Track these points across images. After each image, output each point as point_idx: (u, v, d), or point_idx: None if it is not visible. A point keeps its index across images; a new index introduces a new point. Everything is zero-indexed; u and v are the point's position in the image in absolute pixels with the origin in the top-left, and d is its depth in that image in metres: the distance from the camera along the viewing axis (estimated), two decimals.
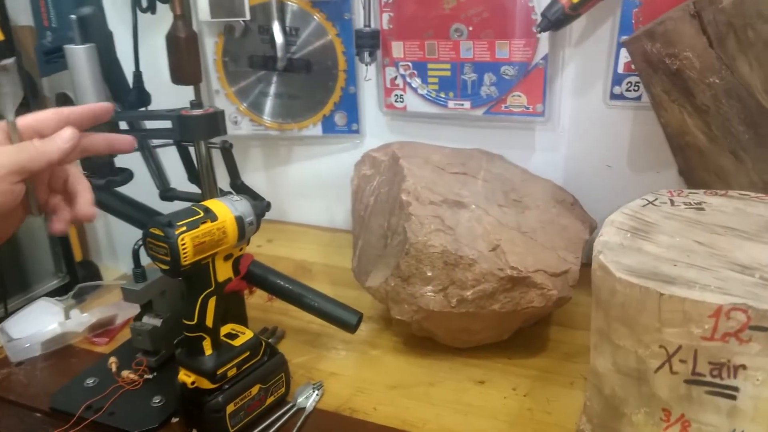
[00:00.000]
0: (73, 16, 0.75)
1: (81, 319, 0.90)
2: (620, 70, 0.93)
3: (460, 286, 0.77)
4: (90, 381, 0.80)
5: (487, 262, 0.77)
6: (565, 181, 1.05)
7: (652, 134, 0.93)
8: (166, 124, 0.77)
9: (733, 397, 0.44)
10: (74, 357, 0.88)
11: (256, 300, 1.00)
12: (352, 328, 0.83)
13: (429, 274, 0.78)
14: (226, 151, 0.80)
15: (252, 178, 1.31)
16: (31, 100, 1.29)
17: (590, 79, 0.98)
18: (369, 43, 1.04)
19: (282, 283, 0.85)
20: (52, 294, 1.31)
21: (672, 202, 0.63)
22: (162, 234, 0.60)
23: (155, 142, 0.87)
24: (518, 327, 0.83)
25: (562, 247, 0.85)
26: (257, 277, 0.85)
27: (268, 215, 1.29)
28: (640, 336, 0.47)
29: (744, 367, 0.44)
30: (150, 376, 0.81)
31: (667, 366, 0.46)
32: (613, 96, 0.95)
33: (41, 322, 0.89)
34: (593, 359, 0.53)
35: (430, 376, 0.81)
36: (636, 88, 0.93)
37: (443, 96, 1.07)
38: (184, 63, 1.17)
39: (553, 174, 1.05)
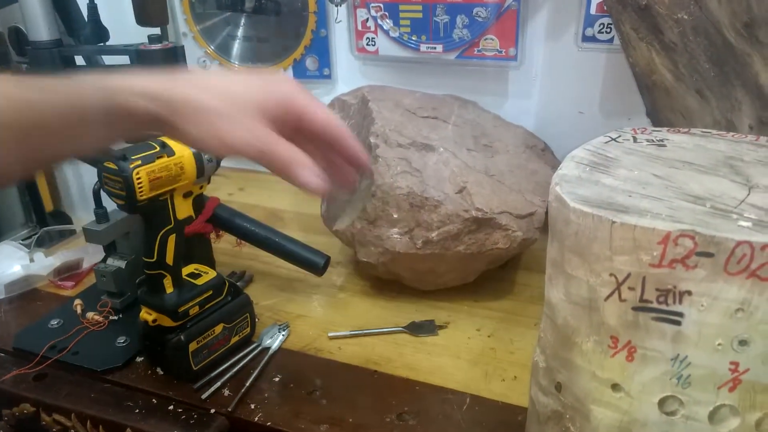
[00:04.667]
0: None
1: (45, 263, 0.89)
2: (593, 11, 0.92)
3: (426, 227, 0.77)
4: (54, 322, 0.80)
5: (453, 204, 0.77)
6: (537, 127, 1.04)
7: (623, 78, 0.91)
8: (125, 60, 0.74)
9: (678, 323, 0.45)
10: (39, 300, 0.87)
11: (225, 245, 0.99)
12: (319, 269, 0.83)
13: (395, 216, 0.78)
14: None
15: None
16: None
17: (563, 22, 0.96)
18: None
19: (249, 225, 0.85)
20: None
21: (635, 139, 0.63)
22: (116, 168, 0.59)
23: None
24: (484, 269, 0.84)
25: (530, 190, 0.84)
26: (223, 220, 0.84)
27: (239, 164, 1.28)
28: (591, 265, 0.47)
29: (689, 293, 0.44)
30: (115, 318, 0.81)
31: (617, 294, 0.46)
32: (585, 38, 0.94)
33: (4, 265, 0.88)
34: (547, 291, 0.53)
35: (396, 318, 0.81)
36: (609, 30, 0.92)
37: (415, 39, 1.05)
38: (149, 3, 1.13)
39: (525, 120, 1.04)
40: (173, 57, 0.75)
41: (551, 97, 1.04)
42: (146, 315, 0.67)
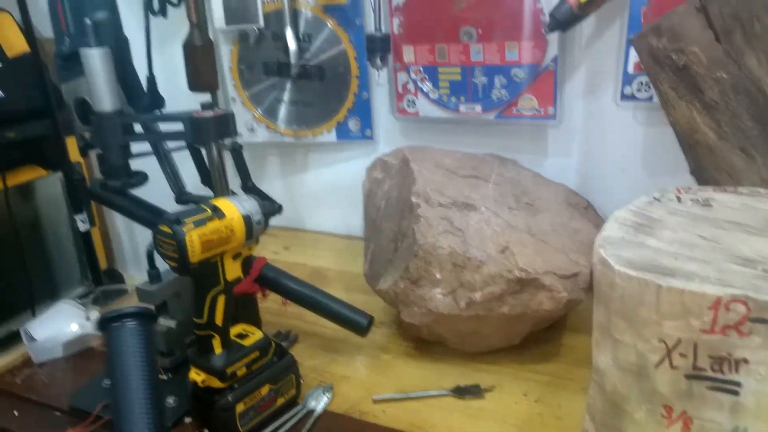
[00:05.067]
0: (88, 21, 0.78)
1: None
2: (630, 70, 0.92)
3: (469, 288, 0.77)
4: (108, 381, 0.82)
5: (496, 264, 0.77)
6: (579, 185, 1.04)
7: (665, 135, 0.91)
8: (179, 126, 0.79)
9: (736, 393, 0.43)
10: (94, 359, 0.90)
11: (271, 304, 1.01)
12: (363, 330, 0.83)
13: (438, 276, 0.78)
14: (237, 152, 0.81)
15: (269, 185, 1.33)
16: (56, 109, 1.33)
17: (601, 80, 0.98)
18: (380, 47, 1.05)
19: (294, 285, 0.86)
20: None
21: (679, 199, 0.62)
22: (170, 231, 0.61)
23: (170, 145, 0.89)
24: (529, 331, 0.83)
25: (574, 249, 0.84)
26: (270, 279, 0.86)
27: (284, 223, 1.32)
28: (639, 330, 0.47)
29: (746, 361, 0.43)
30: (164, 377, 0.82)
31: (667, 360, 0.45)
32: (624, 97, 0.95)
33: (63, 324, 0.92)
34: (595, 356, 0.52)
35: (441, 381, 0.80)
36: (647, 88, 0.92)
37: (454, 100, 1.08)
38: (201, 71, 1.20)
39: (566, 178, 1.04)
40: (224, 124, 0.79)
41: (592, 155, 1.04)
42: (195, 375, 0.69)
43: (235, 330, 0.74)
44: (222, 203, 0.67)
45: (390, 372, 0.83)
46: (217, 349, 0.69)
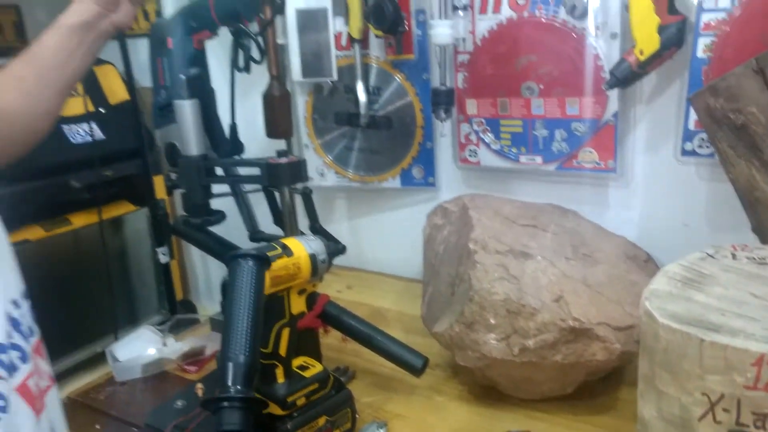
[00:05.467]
0: (182, 76, 0.88)
1: (175, 347, 1.00)
2: (691, 126, 0.93)
3: (523, 334, 0.79)
4: (179, 403, 0.88)
5: (550, 312, 0.78)
6: (639, 238, 1.04)
7: (728, 192, 0.91)
8: (256, 171, 0.86)
9: None
10: (168, 381, 0.97)
11: (332, 341, 1.05)
12: (417, 371, 0.86)
13: (492, 321, 0.81)
14: (307, 196, 0.88)
15: (336, 226, 1.39)
16: (148, 151, 1.46)
17: (662, 136, 0.99)
18: (445, 101, 1.11)
19: (354, 323, 0.91)
20: None
21: (734, 256, 0.63)
22: None
23: (246, 187, 0.97)
24: (583, 381, 0.83)
25: (630, 302, 0.84)
26: (332, 316, 0.91)
27: (348, 263, 1.38)
28: (682, 382, 0.48)
29: None
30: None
31: (711, 415, 0.46)
32: (685, 152, 0.95)
33: (143, 347, 1.00)
34: (640, 407, 0.53)
35: (492, 426, 0.82)
36: (708, 144, 0.92)
37: (515, 151, 1.11)
38: (278, 119, 1.29)
39: (627, 231, 1.04)
40: (297, 170, 0.86)
41: (653, 209, 1.04)
42: None
43: (297, 362, 0.79)
44: (291, 242, 0.73)
45: (443, 414, 0.86)
46: (280, 378, 0.74)
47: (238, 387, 0.53)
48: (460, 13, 1.09)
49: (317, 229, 0.89)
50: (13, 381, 0.54)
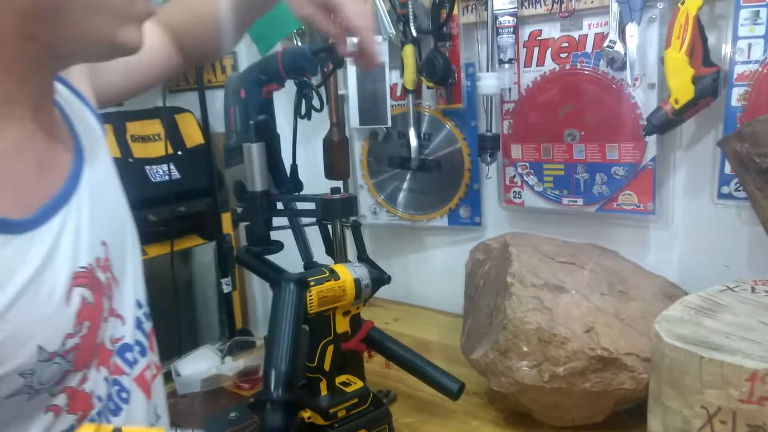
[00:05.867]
0: (251, 122, 0.99)
1: (232, 365, 1.09)
2: (727, 171, 0.96)
3: (553, 362, 0.83)
4: (233, 415, 0.96)
5: (580, 342, 0.82)
6: (680, 279, 1.06)
7: None
8: (312, 206, 0.96)
9: None
10: (224, 396, 1.06)
11: (376, 366, 1.11)
12: (454, 394, 0.91)
13: (525, 349, 0.85)
14: (356, 229, 0.96)
15: (386, 261, 1.47)
16: (218, 190, 1.60)
17: (700, 180, 1.02)
18: (490, 145, 1.18)
19: (396, 348, 0.97)
20: None
21: (753, 290, 0.66)
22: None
23: (303, 221, 1.06)
24: (613, 411, 0.85)
25: None
26: (375, 341, 0.98)
27: (396, 297, 1.44)
28: (684, 397, 0.52)
29: None
30: None
31: (709, 426, 0.50)
32: (722, 195, 0.98)
33: (203, 364, 1.09)
34: (649, 422, 0.57)
35: None
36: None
37: (558, 193, 1.17)
38: (336, 162, 1.41)
39: (667, 272, 1.07)
40: (348, 205, 0.95)
41: (693, 250, 1.06)
42: (303, 413, 0.81)
43: (340, 378, 0.85)
44: (338, 268, 0.81)
45: None
46: (323, 391, 0.80)
47: (279, 391, 0.59)
48: (506, 66, 1.17)
49: (364, 259, 0.97)
50: (133, 373, 0.62)
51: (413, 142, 1.30)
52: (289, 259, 1.09)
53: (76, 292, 0.52)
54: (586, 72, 1.09)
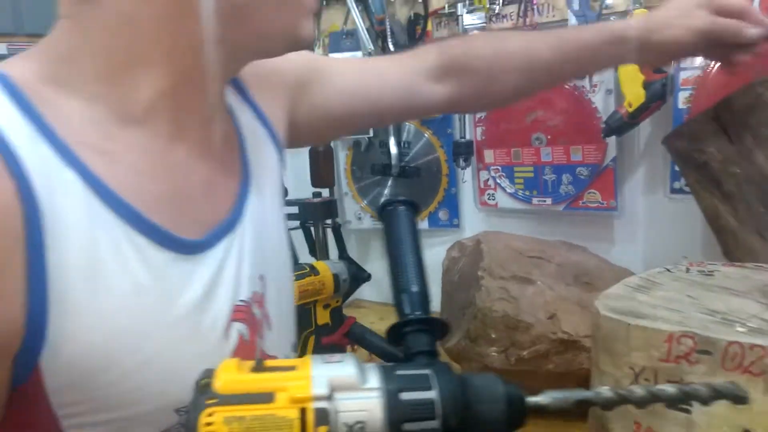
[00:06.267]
0: None
1: None
2: (677, 167, 1.04)
3: (519, 346, 0.90)
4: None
5: (543, 327, 0.89)
6: (644, 270, 1.13)
7: None
8: (295, 209, 1.03)
9: (688, 411, 0.54)
10: None
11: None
12: None
13: (493, 336, 0.92)
14: (336, 230, 1.04)
15: (372, 265, 1.53)
16: None
17: (655, 177, 1.10)
18: (464, 151, 1.26)
19: (376, 341, 1.04)
20: None
21: (687, 270, 0.74)
22: None
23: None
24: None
25: None
26: (357, 335, 1.05)
27: (381, 299, 1.50)
28: (615, 360, 0.59)
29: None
30: None
31: (636, 384, 0.57)
32: (673, 190, 1.06)
33: None
34: (591, 388, 0.64)
35: None
36: None
37: (528, 194, 1.24)
38: (322, 170, 1.48)
39: (632, 264, 1.13)
40: (327, 208, 1.03)
41: (655, 243, 1.14)
42: None
43: None
44: (318, 264, 0.89)
45: None
46: None
47: (417, 312, 0.50)
48: None
49: (344, 258, 1.04)
50: None
51: (393, 150, 1.37)
52: None
53: (235, 327, 0.48)
54: None
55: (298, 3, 0.48)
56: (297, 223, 1.09)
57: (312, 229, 1.07)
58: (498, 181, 1.28)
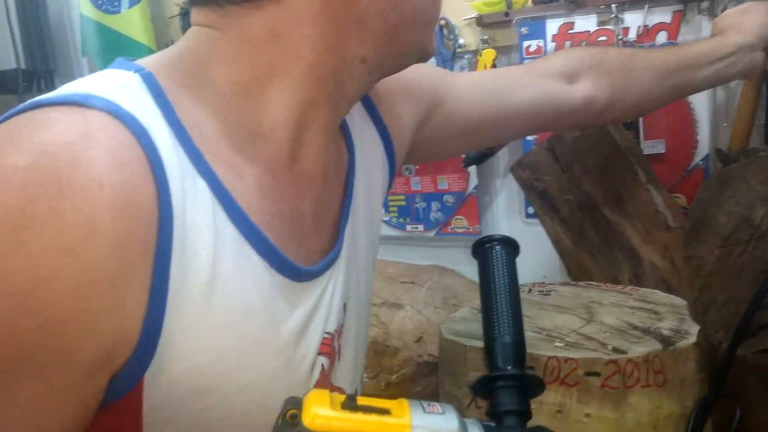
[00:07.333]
0: None
1: None
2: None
3: (388, 371, 0.93)
4: None
5: (410, 351, 0.93)
6: None
7: None
8: None
9: None
10: None
11: None
12: None
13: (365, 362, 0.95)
14: None
15: None
16: None
17: (514, 203, 1.19)
18: None
19: None
20: None
21: (529, 290, 0.80)
22: None
23: None
24: None
25: None
26: None
27: None
28: (456, 380, 0.63)
29: None
30: None
31: (474, 402, 0.61)
32: (528, 215, 1.15)
33: None
34: None
35: None
36: None
37: (401, 221, 1.30)
38: None
39: None
40: None
41: (519, 265, 1.22)
42: None
43: None
44: None
45: None
46: None
47: (509, 367, 0.47)
48: None
49: None
50: None
51: None
52: None
53: (320, 360, 0.45)
54: None
55: (434, 18, 0.48)
56: None
57: None
58: None
